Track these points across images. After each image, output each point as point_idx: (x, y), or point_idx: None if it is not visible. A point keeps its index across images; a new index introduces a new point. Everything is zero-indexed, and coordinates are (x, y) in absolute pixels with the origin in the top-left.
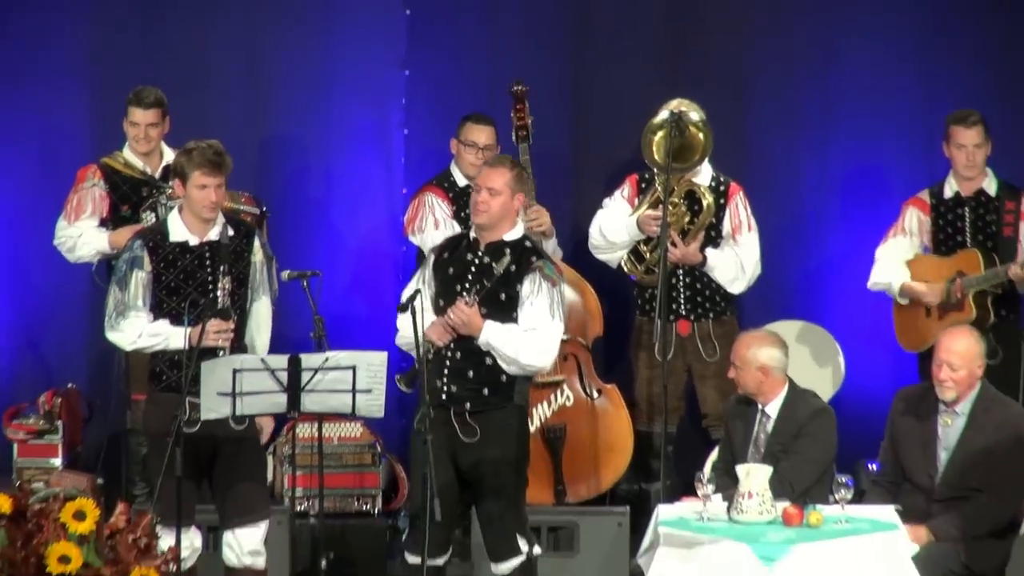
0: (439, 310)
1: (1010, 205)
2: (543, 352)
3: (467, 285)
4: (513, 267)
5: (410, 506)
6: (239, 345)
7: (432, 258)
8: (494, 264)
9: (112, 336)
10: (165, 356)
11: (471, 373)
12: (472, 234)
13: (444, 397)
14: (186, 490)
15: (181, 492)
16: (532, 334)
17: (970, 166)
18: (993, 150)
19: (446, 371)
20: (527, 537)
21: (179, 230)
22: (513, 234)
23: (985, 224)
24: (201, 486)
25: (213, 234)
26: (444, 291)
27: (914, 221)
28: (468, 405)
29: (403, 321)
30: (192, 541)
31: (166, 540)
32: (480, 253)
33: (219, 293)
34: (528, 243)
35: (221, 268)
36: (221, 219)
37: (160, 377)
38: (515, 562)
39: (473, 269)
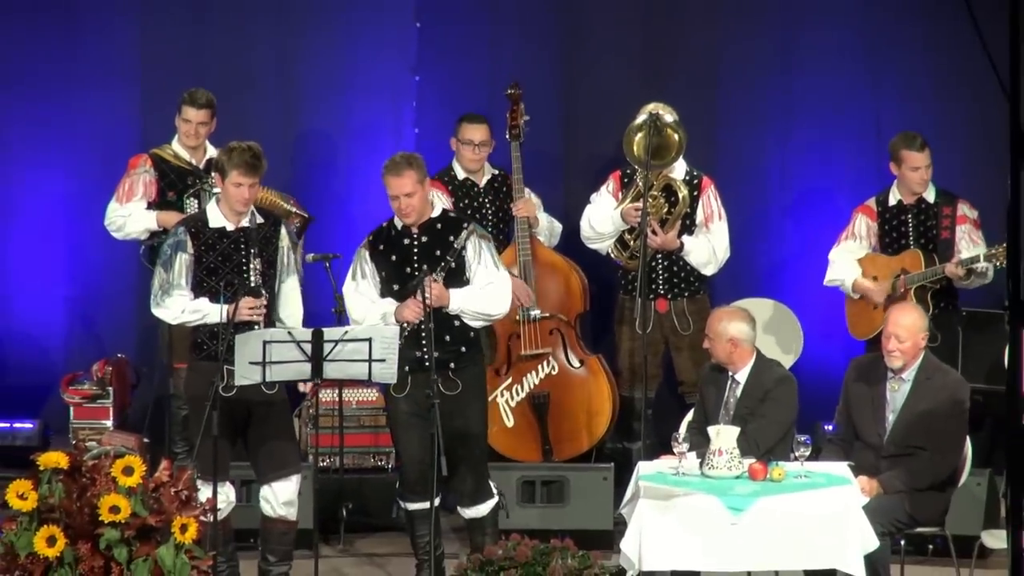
0: (395, 294)
1: (947, 211)
2: (502, 301)
3: (416, 264)
4: (452, 237)
5: (400, 463)
6: (271, 319)
7: (367, 252)
8: (450, 239)
9: (157, 312)
10: (206, 329)
11: (448, 337)
12: (398, 222)
13: (427, 363)
14: (222, 448)
15: (217, 450)
16: (489, 288)
17: (922, 183)
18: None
19: (423, 341)
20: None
21: (217, 218)
22: (436, 211)
23: (926, 229)
24: (236, 445)
25: (246, 221)
26: (394, 276)
27: (863, 227)
28: (452, 365)
29: (357, 312)
30: (228, 495)
31: (204, 493)
32: (415, 235)
33: (252, 274)
34: (452, 214)
35: (252, 251)
36: (251, 208)
37: (201, 347)
38: (491, 503)
39: (416, 250)
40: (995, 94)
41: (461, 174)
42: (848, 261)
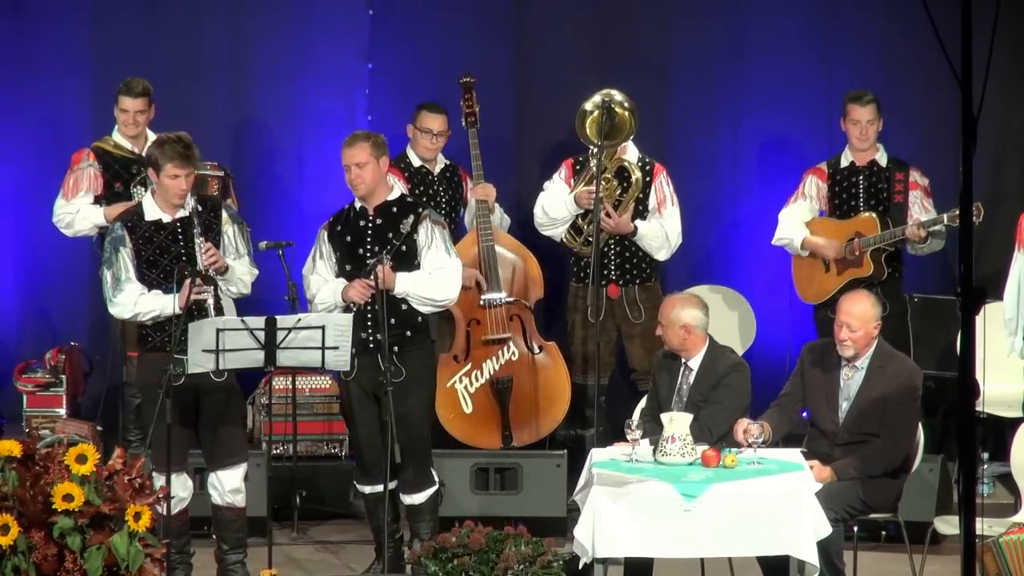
0: (347, 275)
1: (899, 176)
2: (451, 287)
3: (369, 246)
4: (404, 221)
5: (354, 446)
6: (219, 305)
7: (326, 233)
8: (401, 223)
9: (114, 311)
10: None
11: (393, 320)
12: (357, 204)
13: (372, 345)
14: (179, 437)
15: (171, 439)
16: (438, 273)
17: (863, 139)
18: (882, 125)
19: (369, 322)
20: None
21: (153, 210)
22: (393, 194)
23: (877, 191)
24: (190, 434)
25: (183, 212)
26: (348, 257)
27: (813, 187)
28: (396, 348)
29: (311, 289)
30: (184, 485)
31: (159, 483)
32: (371, 217)
33: (199, 258)
34: (408, 198)
35: (198, 240)
36: (191, 198)
37: (147, 339)
38: (430, 491)
39: (370, 232)
40: (947, 82)
41: (416, 161)
42: (797, 221)
